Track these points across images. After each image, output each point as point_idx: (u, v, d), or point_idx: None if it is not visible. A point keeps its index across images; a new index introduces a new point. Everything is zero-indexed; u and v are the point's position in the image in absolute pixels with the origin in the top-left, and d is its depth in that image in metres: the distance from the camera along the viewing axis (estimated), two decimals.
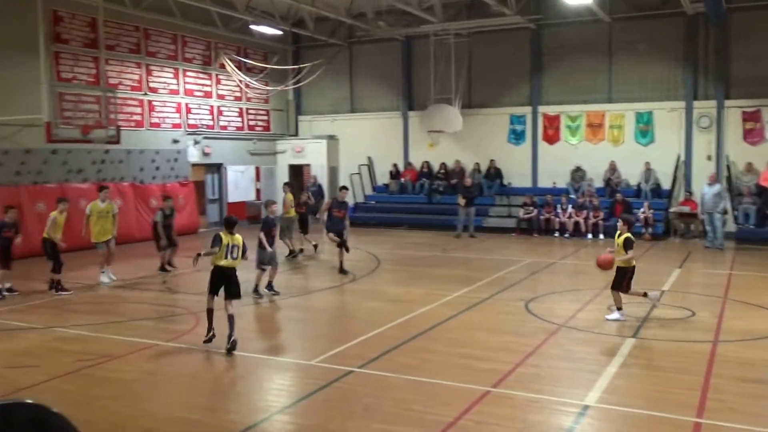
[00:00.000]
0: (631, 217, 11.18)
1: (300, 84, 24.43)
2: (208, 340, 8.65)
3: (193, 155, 22.58)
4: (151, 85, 21.10)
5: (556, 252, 17.54)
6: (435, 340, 8.91)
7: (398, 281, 13.50)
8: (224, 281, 8.63)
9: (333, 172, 25.93)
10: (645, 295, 10.10)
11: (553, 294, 12.08)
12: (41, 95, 15.65)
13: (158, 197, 20.49)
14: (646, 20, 21.03)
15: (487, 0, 18.88)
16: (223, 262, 8.58)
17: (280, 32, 23.23)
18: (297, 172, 26.59)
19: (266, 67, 24.45)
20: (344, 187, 15.54)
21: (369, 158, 25.53)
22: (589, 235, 19.69)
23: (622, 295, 9.90)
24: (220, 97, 23.82)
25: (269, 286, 12.06)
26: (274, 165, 26.22)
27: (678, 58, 20.89)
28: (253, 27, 22.62)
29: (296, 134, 26.77)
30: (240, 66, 24.03)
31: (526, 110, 22.93)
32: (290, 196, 17.13)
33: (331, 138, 25.90)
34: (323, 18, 22.67)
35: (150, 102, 21.03)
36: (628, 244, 9.80)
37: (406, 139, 24.95)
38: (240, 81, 24.12)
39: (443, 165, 23.90)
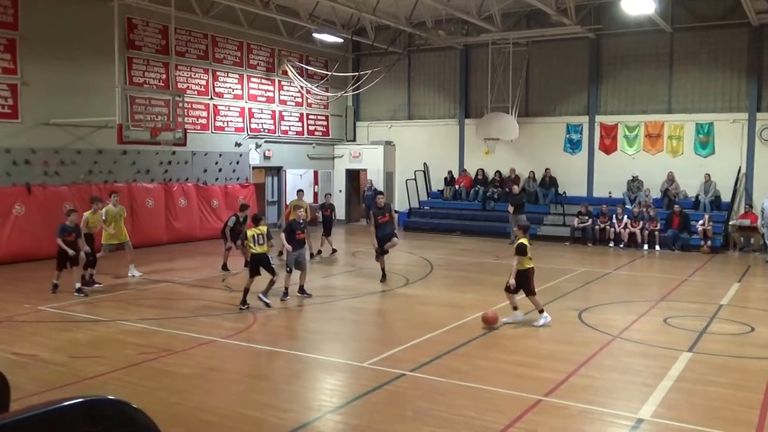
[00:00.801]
0: (527, 224, 11.22)
1: (359, 90, 24.55)
2: (244, 309, 10.63)
3: (255, 158, 22.93)
4: (217, 90, 21.54)
5: (610, 262, 17.11)
6: (487, 347, 8.76)
7: (451, 286, 13.37)
8: (260, 265, 10.77)
9: (389, 177, 25.96)
10: (541, 311, 9.90)
11: (606, 304, 11.76)
12: (115, 98, 16.10)
13: (220, 198, 20.95)
14: (709, 31, 20.37)
15: (547, 10, 18.59)
16: (256, 249, 10.72)
17: (341, 40, 23.41)
18: (354, 176, 26.74)
19: (327, 74, 24.67)
20: (380, 192, 15.32)
21: (425, 164, 25.46)
22: (645, 246, 19.14)
23: (532, 298, 9.98)
24: (282, 102, 24.14)
25: (301, 290, 11.83)
26: (332, 169, 26.41)
27: (741, 69, 20.16)
28: (315, 35, 22.90)
29: (354, 139, 26.91)
30: (302, 72, 24.32)
31: (583, 119, 22.49)
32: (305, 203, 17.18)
33: (388, 144, 25.94)
34: (384, 26, 22.74)
35: (215, 106, 21.47)
36: (519, 250, 9.95)
37: (462, 146, 24.80)
38: (301, 87, 24.40)
39: (498, 173, 23.64)
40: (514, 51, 22.15)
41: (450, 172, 24.63)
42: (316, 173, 25.55)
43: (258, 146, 22.98)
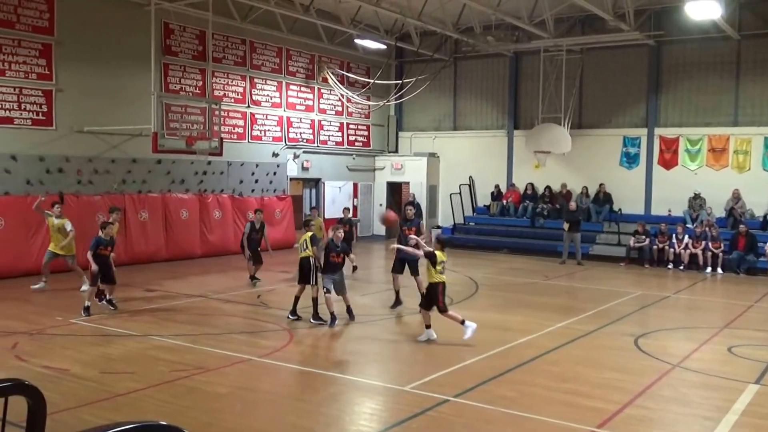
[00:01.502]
0: (445, 237, 11.41)
1: (402, 99, 24.69)
2: (293, 319, 11.30)
3: (292, 169, 23.21)
4: (255, 97, 21.90)
5: (669, 285, 16.80)
6: (535, 373, 8.68)
7: (497, 308, 13.29)
8: (302, 270, 11.38)
9: (432, 191, 25.99)
10: (462, 322, 10.01)
11: (665, 330, 11.56)
12: (150, 106, 16.52)
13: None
14: None
15: (603, 15, 18.48)
16: (301, 254, 11.41)
17: (383, 46, 23.61)
18: (395, 190, 26.83)
19: (369, 82, 24.89)
20: (410, 203, 15.30)
21: (470, 178, 25.42)
22: (708, 269, 18.74)
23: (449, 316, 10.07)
24: (322, 111, 24.42)
25: (348, 311, 11.47)
26: (373, 182, 26.55)
27: None
28: (357, 41, 23.14)
29: (396, 151, 27.03)
30: (342, 80, 24.58)
31: (641, 132, 22.22)
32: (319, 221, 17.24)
33: (432, 156, 25.98)
34: (429, 32, 22.86)
35: (252, 114, 21.83)
36: (429, 256, 9.98)
37: (510, 159, 24.70)
38: (342, 95, 24.66)
39: (548, 188, 23.46)
40: (568, 58, 22.03)
41: (497, 187, 24.53)
42: (355, 186, 25.71)
43: (296, 157, 23.26)
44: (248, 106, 21.72)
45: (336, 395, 7.91)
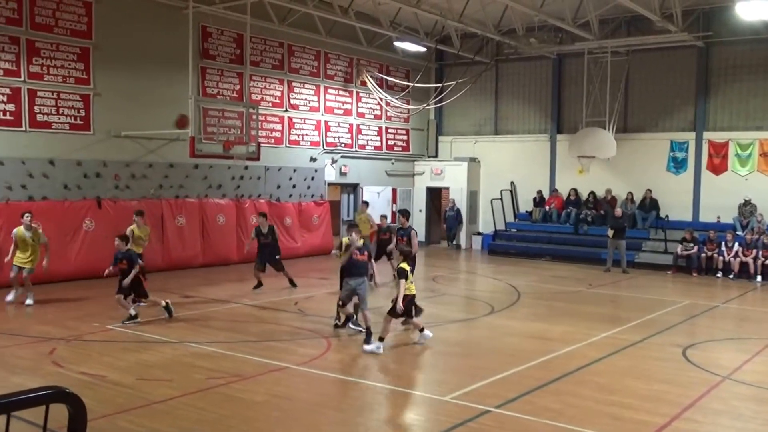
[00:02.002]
0: (407, 249, 11.33)
1: (442, 103, 24.63)
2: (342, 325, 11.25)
3: (330, 174, 23.30)
4: (292, 101, 22.06)
5: (718, 294, 16.43)
6: (580, 384, 8.55)
7: (539, 317, 13.14)
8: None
9: (473, 196, 25.86)
10: (422, 330, 10.47)
11: (714, 341, 11.30)
12: (188, 110, 16.72)
13: (293, 216, 21.36)
14: None
15: (650, 16, 18.19)
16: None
17: (423, 49, 23.58)
18: (435, 195, 26.77)
19: (408, 85, 24.88)
20: (403, 211, 15.33)
21: (512, 183, 25.24)
22: (758, 278, 18.28)
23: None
24: (360, 115, 24.48)
25: (366, 332, 10.46)
26: (412, 187, 26.52)
27: None
28: (396, 44, 23.16)
29: (436, 155, 26.97)
30: (381, 84, 24.63)
31: (689, 136, 21.80)
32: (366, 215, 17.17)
33: (473, 160, 25.87)
34: (470, 35, 22.79)
35: (290, 119, 21.98)
36: (400, 273, 10.22)
37: (553, 164, 24.46)
38: (381, 99, 24.70)
39: (592, 193, 23.16)
40: (613, 60, 21.76)
41: (539, 192, 24.31)
42: (394, 191, 25.70)
43: (334, 161, 23.35)
44: (286, 110, 21.87)
45: (374, 405, 7.89)
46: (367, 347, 9.99)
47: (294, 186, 22.02)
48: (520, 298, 15.19)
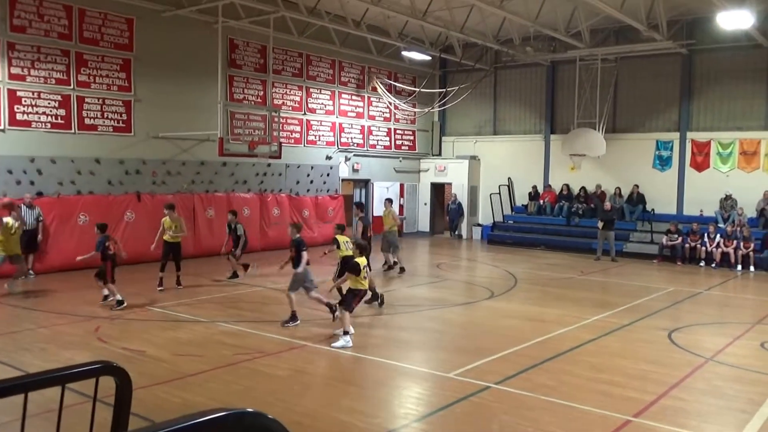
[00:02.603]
0: (363, 243, 10.38)
1: (446, 106, 24.56)
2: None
3: (344, 171, 23.29)
4: (310, 105, 22.05)
5: (701, 282, 16.30)
6: (573, 363, 8.50)
7: (535, 301, 13.09)
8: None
9: (473, 191, 25.78)
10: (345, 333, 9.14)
11: (698, 325, 11.19)
12: (217, 114, 16.82)
13: (310, 208, 21.38)
14: None
15: (637, 26, 18.03)
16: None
17: (428, 57, 23.53)
18: (439, 190, 26.70)
19: (415, 90, 24.81)
20: (359, 204, 15.32)
21: (509, 179, 25.14)
22: (739, 267, 18.13)
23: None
24: (371, 117, 24.44)
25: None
26: (418, 182, 26.47)
27: None
28: (404, 53, 23.11)
29: (440, 154, 26.90)
30: (390, 89, 24.56)
31: (674, 136, 21.63)
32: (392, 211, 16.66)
33: (473, 158, 25.78)
34: (471, 44, 22.69)
35: (308, 121, 21.97)
36: (353, 268, 9.46)
37: (547, 161, 24.34)
38: (390, 103, 24.64)
39: (583, 188, 23.03)
40: (603, 67, 21.60)
41: (534, 187, 24.21)
42: (402, 186, 25.69)
43: (347, 159, 23.34)
44: (304, 114, 21.86)
45: (385, 380, 7.89)
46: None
47: (311, 181, 22.03)
48: (517, 283, 15.13)
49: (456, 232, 25.43)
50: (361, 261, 9.61)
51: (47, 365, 7.84)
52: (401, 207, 25.55)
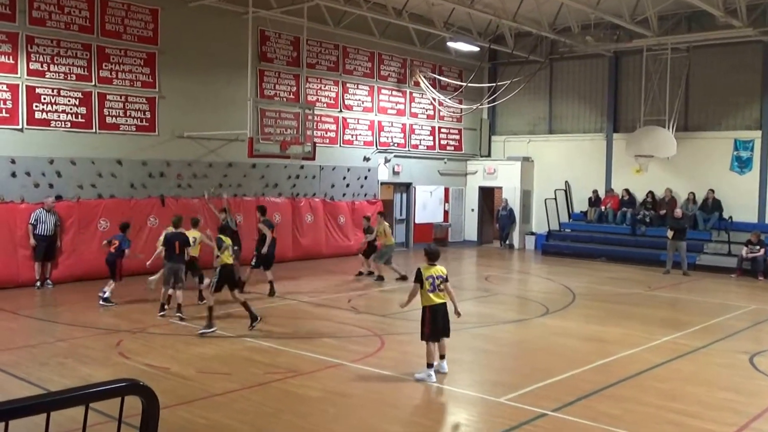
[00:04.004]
0: (433, 248, 8.81)
1: (495, 102, 24.42)
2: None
3: (383, 173, 23.34)
4: (347, 102, 22.17)
5: None
6: (640, 390, 8.33)
7: (596, 319, 12.88)
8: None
9: (526, 196, 25.56)
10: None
11: None
12: (247, 112, 16.98)
13: (347, 214, 21.47)
14: None
15: (712, 11, 17.66)
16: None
17: (477, 49, 23.42)
18: (487, 194, 26.56)
19: (461, 85, 24.74)
20: (261, 208, 15.70)
21: (566, 183, 24.86)
22: None
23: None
24: (413, 115, 24.45)
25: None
26: (464, 186, 26.37)
27: None
28: (450, 44, 23.06)
29: (489, 155, 26.76)
30: (434, 84, 24.55)
31: (755, 135, 21.09)
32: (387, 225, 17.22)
33: (526, 160, 25.57)
34: (524, 33, 22.53)
35: (344, 119, 22.09)
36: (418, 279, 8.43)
37: (609, 163, 24.00)
38: (433, 99, 24.62)
39: (650, 193, 22.63)
40: (673, 57, 21.20)
41: (595, 192, 23.89)
42: (446, 190, 25.61)
43: (387, 161, 23.38)
44: (340, 111, 21.99)
45: (430, 404, 7.85)
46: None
47: (348, 185, 22.13)
48: (575, 299, 14.93)
49: (507, 242, 25.24)
50: (427, 270, 8.50)
51: (66, 381, 8.03)
52: (446, 213, 25.48)
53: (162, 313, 11.91)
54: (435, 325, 8.43)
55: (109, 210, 16.08)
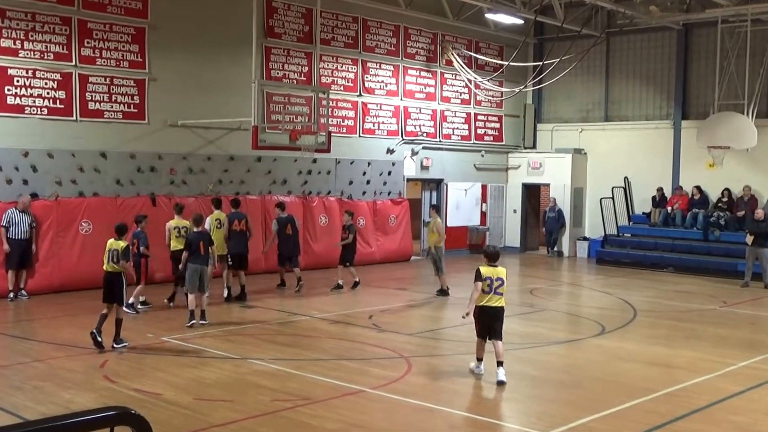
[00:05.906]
0: (491, 249, 10.51)
1: (542, 85, 24.33)
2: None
3: (410, 168, 23.36)
4: (367, 85, 22.22)
5: None
6: (713, 423, 8.29)
7: (660, 339, 12.84)
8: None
9: (577, 194, 25.47)
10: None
11: None
12: (251, 96, 16.94)
13: (367, 216, 21.46)
14: None
15: None
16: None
17: (521, 21, 23.33)
18: (533, 193, 26.50)
19: (502, 64, 24.70)
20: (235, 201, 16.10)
21: (626, 179, 24.75)
22: None
23: None
24: (445, 99, 24.48)
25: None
26: (505, 183, 26.35)
27: None
28: (488, 16, 23.01)
29: (534, 146, 26.74)
30: (470, 63, 24.53)
31: None
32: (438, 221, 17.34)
33: (578, 152, 25.50)
34: (576, 3, 22.48)
35: (364, 104, 22.13)
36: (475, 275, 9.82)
37: (677, 156, 23.89)
38: (469, 81, 24.61)
39: (727, 191, 22.45)
40: (754, 30, 21.03)
41: (660, 190, 23.75)
42: (484, 188, 25.58)
43: (414, 153, 23.41)
44: (360, 95, 22.06)
45: None
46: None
47: (368, 182, 22.19)
48: (637, 316, 14.87)
49: (555, 248, 25.15)
50: (485, 271, 9.81)
51: (42, 408, 8.14)
52: (483, 215, 25.43)
53: (191, 322, 12.46)
54: (482, 324, 9.83)
55: (92, 210, 16.21)
